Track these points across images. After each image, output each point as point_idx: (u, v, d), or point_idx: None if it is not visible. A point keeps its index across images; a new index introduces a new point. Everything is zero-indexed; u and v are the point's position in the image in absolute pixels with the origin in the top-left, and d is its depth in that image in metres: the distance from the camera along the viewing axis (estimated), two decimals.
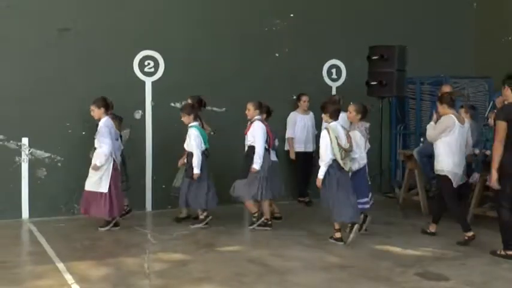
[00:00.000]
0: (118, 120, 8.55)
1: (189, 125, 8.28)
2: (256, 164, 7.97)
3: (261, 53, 10.18)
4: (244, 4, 10.11)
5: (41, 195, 8.83)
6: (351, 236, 7.32)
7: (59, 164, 9.00)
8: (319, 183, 7.37)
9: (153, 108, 9.55)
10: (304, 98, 10.05)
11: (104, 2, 9.25)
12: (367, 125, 7.96)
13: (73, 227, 8.15)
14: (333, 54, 10.75)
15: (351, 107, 7.80)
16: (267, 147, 8.18)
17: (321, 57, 10.69)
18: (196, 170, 8.07)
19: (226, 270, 6.31)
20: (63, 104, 8.91)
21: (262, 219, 8.17)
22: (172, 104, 9.62)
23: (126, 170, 8.73)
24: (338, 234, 7.40)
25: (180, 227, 8.28)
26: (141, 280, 5.94)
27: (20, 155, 8.78)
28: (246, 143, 8.24)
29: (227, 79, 9.80)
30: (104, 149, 7.84)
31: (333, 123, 7.41)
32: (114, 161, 8.01)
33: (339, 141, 7.25)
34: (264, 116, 8.38)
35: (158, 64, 9.56)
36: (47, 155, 8.92)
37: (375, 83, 9.85)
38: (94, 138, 7.99)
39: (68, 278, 5.94)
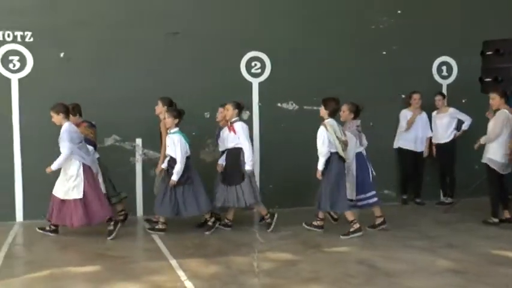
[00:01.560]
0: (94, 128, 8.47)
1: (171, 131, 8.00)
2: (249, 166, 8.01)
3: (368, 51, 10.01)
4: (350, 2, 9.99)
5: (154, 194, 9.16)
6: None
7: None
8: (319, 174, 7.73)
9: (260, 108, 9.65)
10: (415, 96, 9.81)
11: (212, 5, 9.46)
12: (358, 122, 8.20)
13: (184, 225, 8.38)
14: (443, 50, 10.39)
15: (345, 107, 8.10)
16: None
17: (430, 54, 10.36)
18: (175, 177, 7.81)
19: (334, 271, 6.25)
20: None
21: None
22: (279, 105, 9.69)
23: (110, 181, 8.47)
24: (321, 223, 8.02)
25: (287, 226, 8.30)
26: (250, 279, 6.01)
27: (134, 155, 9.18)
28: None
29: (333, 78, 9.71)
30: (63, 152, 7.58)
31: (330, 120, 7.76)
32: (84, 166, 7.70)
33: (337, 135, 7.66)
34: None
35: (265, 65, 9.66)
36: (159, 155, 9.24)
37: (489, 79, 9.37)
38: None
39: (181, 274, 6.12)
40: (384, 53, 10.15)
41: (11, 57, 8.66)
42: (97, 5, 9.00)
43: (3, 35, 8.62)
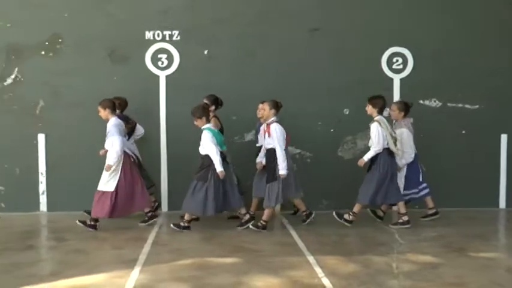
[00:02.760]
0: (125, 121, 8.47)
1: (202, 127, 7.86)
2: (282, 170, 7.79)
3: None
4: None
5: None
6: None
7: (308, 160, 9.33)
8: (362, 163, 8.00)
9: None
10: None
11: (351, 1, 9.35)
12: (411, 120, 8.44)
13: (321, 222, 8.36)
14: None
15: (393, 106, 8.47)
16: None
17: None
18: (220, 168, 7.69)
19: (481, 277, 5.90)
20: (313, 102, 9.22)
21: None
22: (421, 101, 9.36)
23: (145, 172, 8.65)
24: (406, 217, 8.05)
25: (428, 227, 8.01)
26: (389, 280, 5.85)
27: None
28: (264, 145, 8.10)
29: (478, 74, 9.23)
30: (115, 147, 7.76)
31: (380, 117, 7.99)
32: (128, 158, 7.96)
33: (390, 131, 7.93)
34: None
35: (407, 60, 9.37)
36: (297, 151, 9.31)
37: None
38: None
39: (318, 271, 6.10)
40: None
41: (159, 56, 9.13)
42: (237, 2, 9.24)
43: (153, 35, 9.11)
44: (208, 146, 7.72)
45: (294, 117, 8.99)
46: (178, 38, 9.15)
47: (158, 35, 9.12)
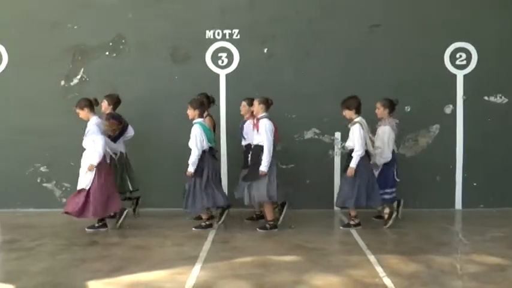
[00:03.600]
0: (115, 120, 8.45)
1: (193, 121, 7.80)
2: (264, 167, 7.59)
3: None
4: None
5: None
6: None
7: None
8: (351, 172, 7.66)
9: (465, 102, 9.13)
10: None
11: None
12: (397, 120, 8.18)
13: (380, 221, 8.25)
14: None
15: (378, 103, 8.13)
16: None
17: None
18: (191, 168, 7.66)
19: None
20: (375, 99, 9.05)
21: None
22: (486, 98, 9.10)
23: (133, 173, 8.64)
24: (357, 220, 7.87)
25: (494, 228, 7.79)
26: (453, 281, 5.71)
27: (333, 149, 9.23)
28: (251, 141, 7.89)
29: None
30: (98, 147, 7.65)
31: (360, 118, 7.73)
32: (103, 159, 7.78)
33: (369, 134, 7.75)
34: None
35: (471, 56, 9.11)
36: None
37: None
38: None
39: (379, 270, 6.02)
40: None
41: (220, 54, 9.22)
42: (296, 0, 9.21)
43: (214, 34, 9.20)
44: (192, 140, 7.71)
45: None
46: (238, 36, 9.21)
47: (218, 34, 9.21)
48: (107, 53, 9.32)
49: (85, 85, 9.30)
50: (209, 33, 9.24)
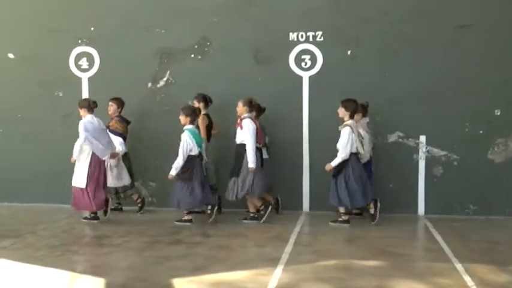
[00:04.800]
0: (125, 122, 9.14)
1: (184, 127, 8.26)
2: (252, 163, 8.17)
3: None
4: None
5: (437, 193, 8.93)
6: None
7: (455, 163, 8.94)
8: (329, 168, 8.12)
9: None
10: None
11: None
12: (367, 119, 8.54)
13: (468, 228, 8.00)
14: None
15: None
16: (258, 145, 8.33)
17: None
18: (173, 172, 8.19)
19: None
20: (461, 102, 8.82)
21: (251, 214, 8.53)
22: None
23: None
24: (346, 217, 8.21)
25: None
26: None
27: (418, 152, 9.01)
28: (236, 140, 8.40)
29: None
30: (78, 141, 8.33)
31: (352, 121, 8.07)
32: (92, 156, 8.36)
33: (358, 136, 8.02)
34: (254, 113, 8.45)
35: None
36: (443, 153, 8.95)
37: None
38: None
39: (467, 279, 5.81)
40: None
41: (303, 56, 9.20)
42: (381, 2, 9.05)
43: (297, 36, 9.20)
44: (181, 146, 8.20)
45: (439, 118, 8.70)
46: (322, 38, 9.16)
47: (302, 36, 9.20)
48: (192, 56, 9.52)
49: (171, 87, 9.54)
50: (292, 36, 9.24)
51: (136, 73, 9.60)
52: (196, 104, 8.81)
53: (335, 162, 8.08)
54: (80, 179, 8.38)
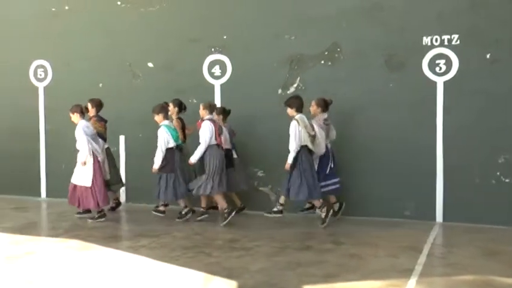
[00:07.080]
0: (103, 122, 9.63)
1: (160, 124, 9.02)
2: (193, 159, 8.79)
3: None
4: None
5: None
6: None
7: None
8: (288, 166, 8.40)
9: None
10: None
11: None
12: (325, 115, 8.77)
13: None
14: None
15: (313, 102, 8.81)
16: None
17: None
18: (156, 165, 8.93)
19: None
20: None
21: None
22: None
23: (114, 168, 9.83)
24: (281, 207, 8.78)
25: None
26: None
27: None
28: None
29: None
30: (81, 147, 8.92)
31: (300, 115, 8.39)
32: (95, 157, 9.00)
33: (307, 130, 8.29)
34: (217, 116, 9.13)
35: None
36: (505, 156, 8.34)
37: None
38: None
39: None
40: None
41: (437, 61, 8.87)
42: None
43: (431, 40, 8.88)
44: (159, 140, 8.91)
45: None
46: (458, 42, 8.78)
47: (436, 40, 8.86)
48: (322, 62, 9.50)
49: (301, 93, 9.55)
50: (426, 40, 8.93)
51: (266, 80, 9.76)
52: (171, 107, 9.43)
53: (290, 159, 8.38)
54: (84, 178, 8.98)
